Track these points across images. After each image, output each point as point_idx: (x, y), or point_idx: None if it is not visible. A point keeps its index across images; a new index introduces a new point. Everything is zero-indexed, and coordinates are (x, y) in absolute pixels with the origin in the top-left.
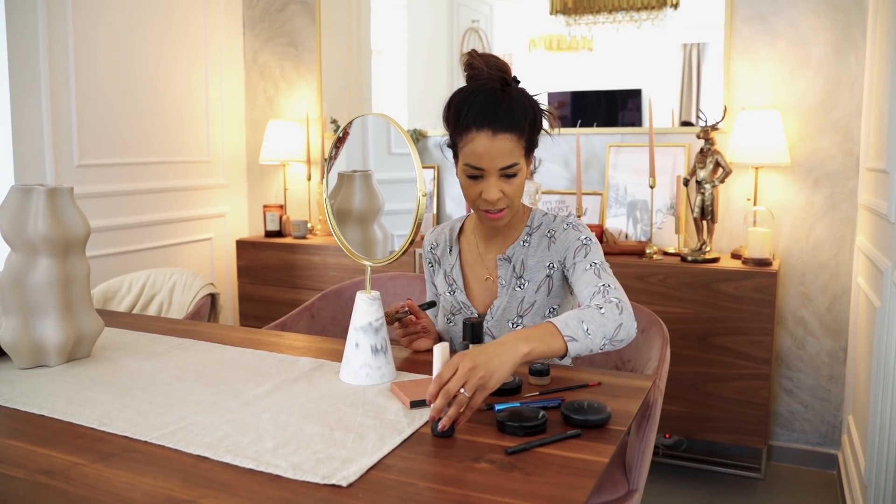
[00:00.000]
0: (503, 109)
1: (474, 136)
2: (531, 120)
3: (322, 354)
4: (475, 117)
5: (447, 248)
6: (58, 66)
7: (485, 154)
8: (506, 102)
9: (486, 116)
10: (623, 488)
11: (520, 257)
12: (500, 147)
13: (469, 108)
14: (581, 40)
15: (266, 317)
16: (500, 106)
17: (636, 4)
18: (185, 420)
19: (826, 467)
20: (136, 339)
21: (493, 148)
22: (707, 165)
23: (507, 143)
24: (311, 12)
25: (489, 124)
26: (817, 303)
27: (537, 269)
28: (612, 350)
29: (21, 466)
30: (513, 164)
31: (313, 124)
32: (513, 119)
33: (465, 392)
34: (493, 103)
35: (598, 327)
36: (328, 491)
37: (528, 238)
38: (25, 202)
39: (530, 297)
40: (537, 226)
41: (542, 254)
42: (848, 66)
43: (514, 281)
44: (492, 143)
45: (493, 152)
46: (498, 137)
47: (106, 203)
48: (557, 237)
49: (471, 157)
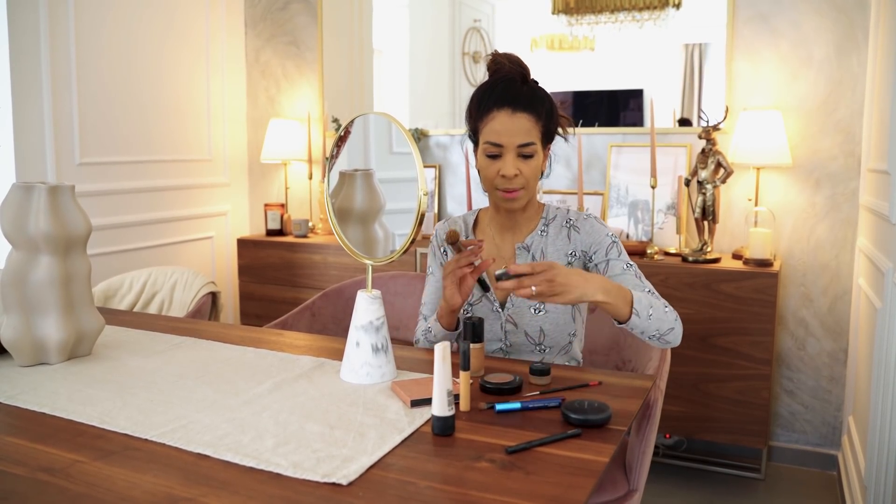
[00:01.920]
0: (523, 93)
1: (495, 115)
2: (548, 108)
3: (323, 353)
4: (496, 99)
5: (462, 237)
6: (59, 64)
7: (504, 131)
8: (525, 88)
9: (506, 97)
10: (623, 488)
11: (539, 246)
12: (519, 125)
13: (491, 93)
14: (583, 40)
15: (267, 315)
16: (519, 90)
17: (638, 4)
18: (185, 418)
19: (826, 468)
20: (136, 338)
21: (512, 124)
22: (708, 166)
23: (525, 121)
24: (313, 11)
25: (508, 103)
26: (818, 303)
27: (557, 257)
28: (653, 345)
29: (22, 464)
30: (530, 142)
31: (315, 123)
32: (531, 102)
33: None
34: (513, 88)
35: (658, 320)
36: (328, 489)
37: (546, 228)
38: (27, 200)
39: None
40: (552, 217)
41: (562, 243)
42: (850, 67)
43: None
44: (511, 120)
45: (512, 129)
46: (517, 115)
47: (107, 201)
48: (581, 228)
49: (490, 134)
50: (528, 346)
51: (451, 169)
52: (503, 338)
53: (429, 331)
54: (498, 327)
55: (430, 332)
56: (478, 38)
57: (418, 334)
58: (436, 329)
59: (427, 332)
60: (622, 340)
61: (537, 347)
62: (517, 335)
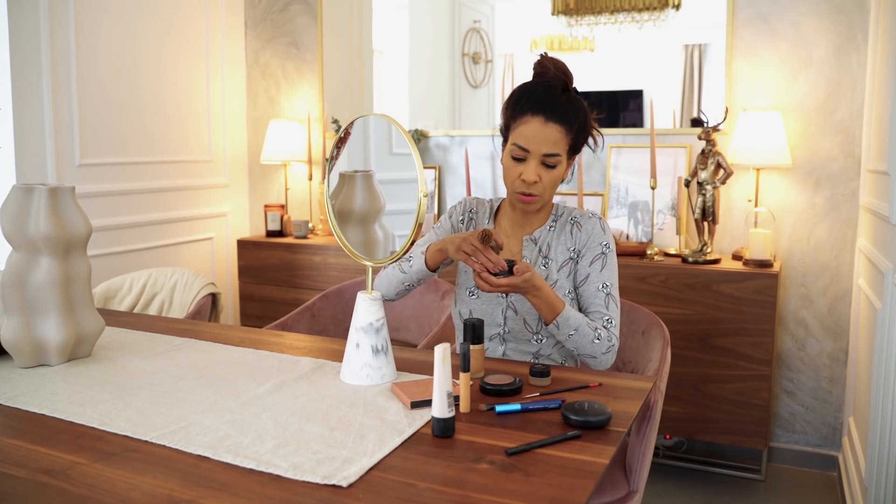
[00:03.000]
0: (560, 104)
1: (528, 119)
2: (581, 123)
3: (323, 354)
4: (533, 104)
5: (485, 218)
6: (59, 65)
7: (533, 137)
8: (563, 99)
9: (542, 105)
10: (623, 489)
11: (546, 240)
12: (549, 134)
13: (529, 96)
14: (583, 41)
15: (267, 316)
16: (557, 100)
17: (638, 5)
18: (185, 420)
19: (826, 469)
20: (136, 339)
21: (542, 133)
22: (708, 166)
23: (555, 132)
24: (313, 12)
25: (543, 112)
26: (818, 304)
27: (560, 252)
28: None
29: (22, 465)
30: (556, 153)
31: (315, 124)
32: (566, 114)
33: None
34: (551, 96)
35: (577, 342)
36: (328, 491)
37: (554, 224)
38: (27, 201)
39: (553, 275)
40: (561, 213)
41: (566, 238)
42: (849, 68)
43: (539, 260)
44: (542, 129)
45: (540, 137)
46: (549, 125)
47: (107, 202)
48: (583, 226)
49: (520, 137)
50: (526, 333)
51: (451, 170)
52: (502, 323)
53: (407, 259)
54: (499, 312)
55: (407, 262)
56: (478, 38)
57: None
58: (417, 262)
59: (405, 261)
60: (622, 341)
61: (535, 336)
62: (516, 322)
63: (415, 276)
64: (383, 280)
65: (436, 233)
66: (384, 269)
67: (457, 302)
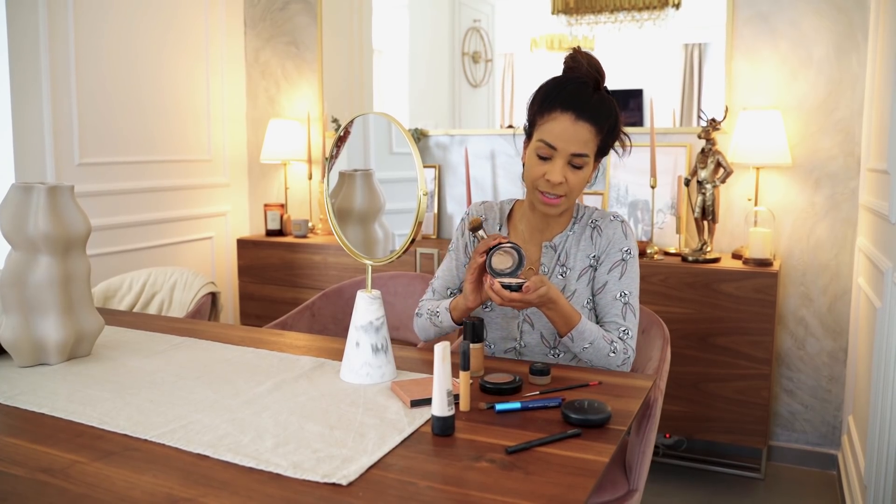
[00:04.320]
0: (591, 102)
1: (557, 115)
2: (612, 124)
3: (323, 353)
4: (563, 100)
5: (496, 224)
6: (59, 64)
7: (562, 134)
8: (595, 97)
9: (574, 102)
10: (623, 488)
11: (564, 247)
12: (579, 133)
13: (559, 92)
14: (582, 40)
15: (267, 316)
16: (589, 97)
17: (638, 4)
18: (185, 418)
19: (826, 468)
20: (136, 338)
21: (572, 131)
22: (708, 165)
23: (585, 132)
24: (313, 11)
25: (574, 109)
26: (818, 303)
27: (581, 259)
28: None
29: (21, 464)
30: (584, 153)
31: (314, 123)
32: (597, 114)
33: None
34: (583, 93)
35: (592, 355)
36: (328, 490)
37: (573, 228)
38: (26, 200)
39: (572, 284)
40: (581, 215)
41: (586, 244)
42: (849, 67)
43: (557, 268)
44: (572, 127)
45: (569, 135)
46: (579, 124)
47: (107, 201)
48: (604, 231)
49: (547, 134)
50: (542, 347)
51: (451, 169)
52: (518, 337)
53: (436, 314)
54: (514, 327)
55: (436, 316)
56: (477, 38)
57: (422, 308)
58: (445, 318)
59: (434, 314)
60: None
61: (551, 351)
62: (532, 335)
63: (449, 330)
64: (421, 331)
65: (451, 255)
66: (417, 316)
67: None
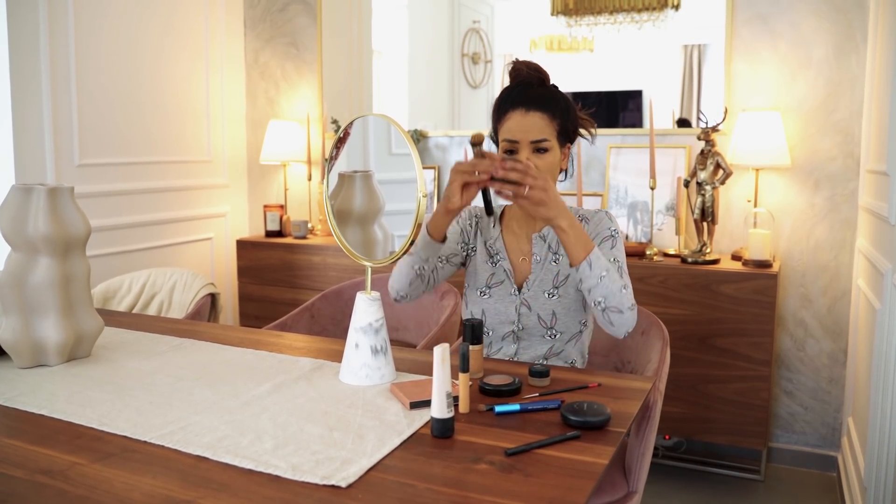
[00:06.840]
0: (536, 94)
1: (510, 114)
2: (563, 109)
3: (322, 355)
4: (513, 100)
5: (490, 222)
6: (59, 65)
7: (517, 127)
8: (540, 89)
9: (521, 98)
10: (622, 490)
11: (555, 237)
12: (532, 122)
13: (508, 95)
14: (582, 41)
15: (266, 317)
16: (533, 91)
17: (637, 5)
18: (184, 420)
19: (826, 469)
20: (136, 339)
21: (525, 122)
22: (707, 167)
23: (538, 119)
24: (313, 12)
25: (522, 104)
26: (817, 304)
27: None
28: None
29: (20, 466)
30: (543, 139)
31: (314, 124)
32: (545, 102)
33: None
34: (528, 90)
35: (607, 287)
36: (327, 492)
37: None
38: (26, 201)
39: (564, 269)
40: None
41: None
42: (849, 68)
43: (549, 256)
44: (524, 119)
45: (525, 125)
46: (530, 114)
47: (106, 202)
48: (591, 220)
49: (506, 132)
50: (540, 329)
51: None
52: (516, 320)
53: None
54: (512, 309)
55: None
56: (477, 39)
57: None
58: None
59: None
60: (622, 342)
61: (549, 332)
62: (530, 318)
63: (422, 252)
64: (395, 275)
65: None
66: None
67: (468, 304)
